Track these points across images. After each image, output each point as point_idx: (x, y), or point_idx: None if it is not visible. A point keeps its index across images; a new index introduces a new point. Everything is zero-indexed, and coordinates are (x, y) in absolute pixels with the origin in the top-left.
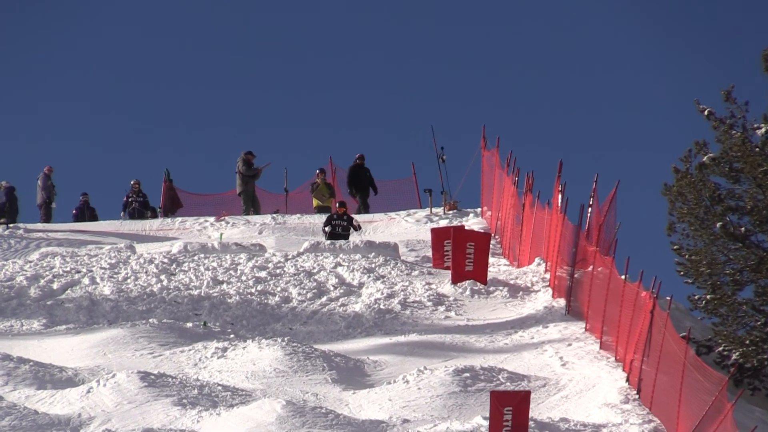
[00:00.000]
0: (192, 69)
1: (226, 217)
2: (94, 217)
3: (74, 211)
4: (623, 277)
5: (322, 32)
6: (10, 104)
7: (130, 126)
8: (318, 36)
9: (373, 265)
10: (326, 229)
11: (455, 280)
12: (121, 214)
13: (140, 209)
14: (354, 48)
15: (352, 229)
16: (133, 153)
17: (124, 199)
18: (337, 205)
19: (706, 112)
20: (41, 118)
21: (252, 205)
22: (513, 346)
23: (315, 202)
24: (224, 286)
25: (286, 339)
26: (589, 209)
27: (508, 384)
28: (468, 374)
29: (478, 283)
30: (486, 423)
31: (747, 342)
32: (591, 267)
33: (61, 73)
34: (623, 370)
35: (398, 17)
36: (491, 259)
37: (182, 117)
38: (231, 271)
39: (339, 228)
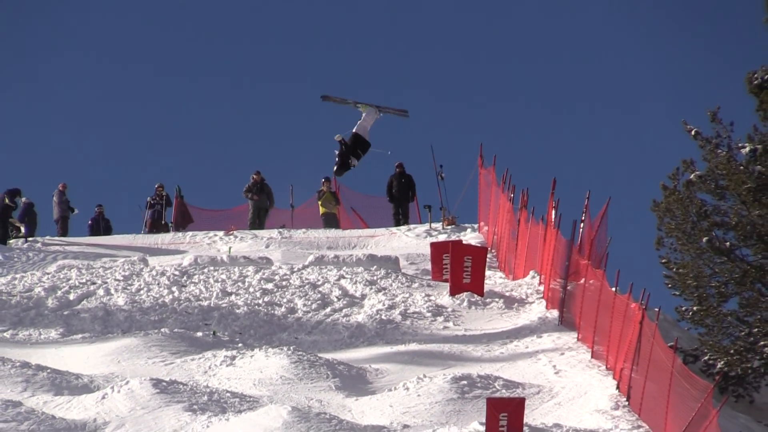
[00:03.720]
0: (199, 90)
1: (235, 232)
2: (108, 228)
3: (89, 222)
4: (614, 289)
5: (322, 65)
6: (24, 118)
7: (142, 142)
8: (317, 65)
9: (375, 278)
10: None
11: (453, 292)
12: (143, 211)
13: (161, 211)
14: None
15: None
16: (146, 169)
17: (148, 199)
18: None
19: (693, 132)
20: (54, 133)
21: (258, 217)
22: (508, 355)
23: (321, 210)
24: (233, 297)
25: (291, 348)
26: (582, 225)
27: (504, 391)
28: (465, 382)
29: (475, 295)
30: (482, 428)
31: (731, 351)
32: (583, 280)
33: (73, 86)
34: (613, 378)
35: (396, 48)
36: (488, 272)
37: (193, 134)
38: (239, 283)
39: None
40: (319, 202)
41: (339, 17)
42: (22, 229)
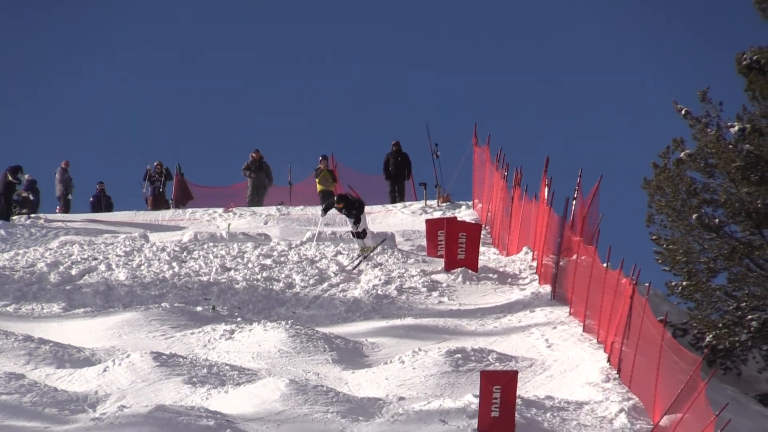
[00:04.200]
0: (200, 70)
1: (234, 209)
2: (109, 205)
3: (91, 199)
4: (605, 265)
5: (314, 40)
6: (27, 97)
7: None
8: (313, 42)
9: (372, 254)
10: (322, 213)
11: (448, 268)
12: (142, 182)
13: (160, 187)
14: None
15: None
16: (146, 147)
17: (147, 167)
18: (336, 200)
19: (683, 112)
20: (57, 120)
21: (256, 194)
22: (502, 329)
23: (319, 187)
24: (232, 272)
25: (289, 322)
26: (574, 202)
27: (497, 364)
28: (459, 355)
29: (470, 271)
30: (476, 400)
31: (720, 325)
32: (575, 256)
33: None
34: (604, 352)
35: (393, 21)
36: (482, 248)
37: (193, 116)
38: (238, 259)
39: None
40: (317, 180)
41: None
42: (31, 197)
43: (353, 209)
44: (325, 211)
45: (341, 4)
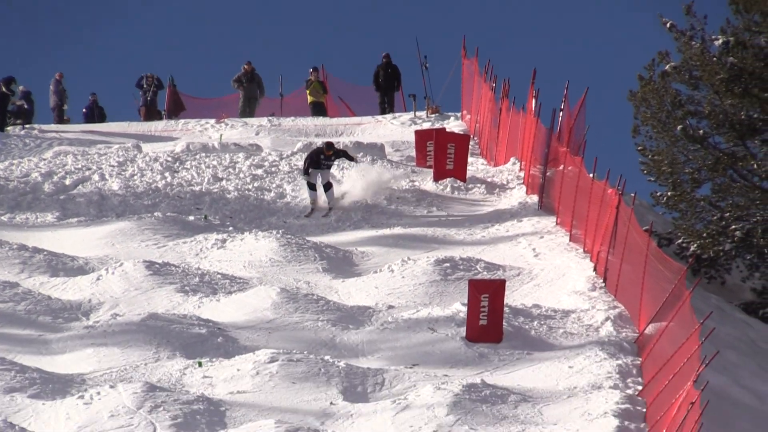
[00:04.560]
0: None
1: (226, 120)
2: (102, 116)
3: (84, 110)
4: (591, 175)
5: None
6: (20, 8)
7: (134, 32)
8: None
9: (362, 164)
10: (306, 167)
11: (437, 178)
12: (137, 91)
13: (153, 98)
14: None
15: (340, 161)
16: (139, 59)
17: (142, 76)
18: (325, 147)
19: (668, 25)
20: (49, 23)
21: (248, 106)
22: (489, 238)
23: (310, 99)
24: (224, 182)
25: (280, 231)
26: (561, 113)
27: (485, 273)
28: (448, 264)
29: (458, 181)
30: (464, 309)
31: (704, 235)
32: (562, 166)
33: None
34: (591, 261)
35: None
36: (470, 159)
37: (187, 25)
38: (230, 169)
39: (324, 165)
40: (308, 92)
41: None
42: (26, 106)
43: (337, 158)
44: (306, 171)
45: None
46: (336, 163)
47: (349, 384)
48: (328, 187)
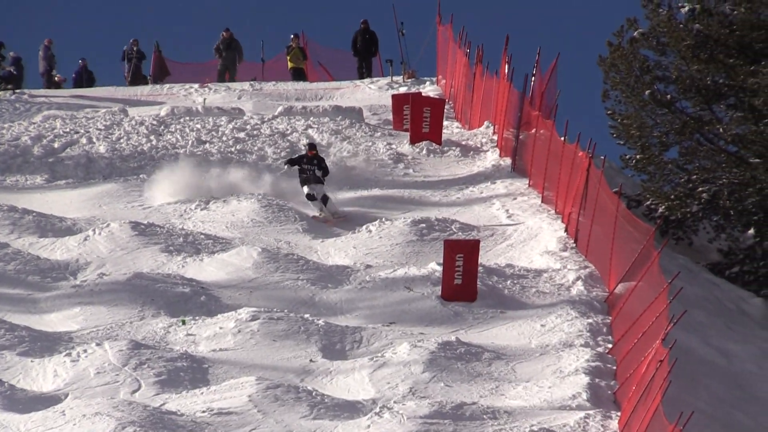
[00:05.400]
0: None
1: (209, 84)
2: (91, 80)
3: (74, 75)
4: (562, 138)
5: None
6: None
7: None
8: None
9: (340, 128)
10: (286, 168)
11: (413, 141)
12: (123, 63)
13: (138, 64)
14: None
15: (321, 172)
16: (125, 25)
17: (125, 49)
18: (307, 147)
19: None
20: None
21: (226, 70)
22: (464, 199)
23: (290, 64)
24: (207, 145)
25: (261, 193)
26: (533, 78)
27: (460, 234)
28: (424, 225)
29: (434, 144)
30: (440, 268)
31: (672, 197)
32: (534, 129)
33: None
34: (562, 222)
35: None
36: (445, 122)
37: None
38: (213, 132)
39: (310, 172)
40: (288, 57)
41: None
42: (15, 72)
43: (321, 166)
44: (291, 162)
45: None
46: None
47: (328, 342)
48: (325, 200)
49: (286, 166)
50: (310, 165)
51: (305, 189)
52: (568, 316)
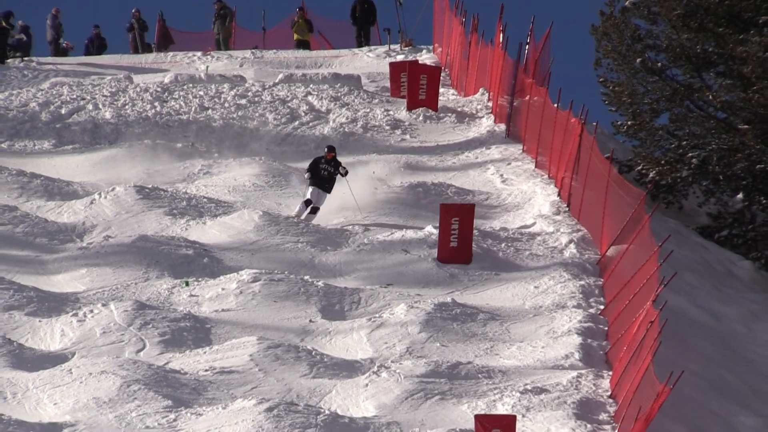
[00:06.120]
0: None
1: (212, 52)
2: (103, 46)
3: (86, 42)
4: (556, 105)
5: None
6: None
7: None
8: None
9: (339, 94)
10: (307, 176)
11: (410, 108)
12: (128, 34)
13: (141, 33)
14: None
15: (339, 175)
16: None
17: (128, 24)
18: (327, 149)
19: None
20: None
21: (222, 41)
22: (460, 164)
23: (295, 36)
24: (209, 112)
25: (262, 157)
26: (527, 47)
27: (456, 198)
28: (420, 189)
29: (430, 110)
30: (436, 231)
31: (662, 162)
32: (528, 96)
33: None
34: (555, 186)
35: None
36: (441, 89)
37: None
38: (215, 99)
39: (325, 172)
40: (293, 30)
41: None
42: (24, 39)
43: (337, 168)
44: (311, 170)
45: None
46: (335, 176)
47: (327, 303)
48: (315, 210)
49: (306, 175)
50: (327, 166)
51: (308, 192)
52: (561, 278)
